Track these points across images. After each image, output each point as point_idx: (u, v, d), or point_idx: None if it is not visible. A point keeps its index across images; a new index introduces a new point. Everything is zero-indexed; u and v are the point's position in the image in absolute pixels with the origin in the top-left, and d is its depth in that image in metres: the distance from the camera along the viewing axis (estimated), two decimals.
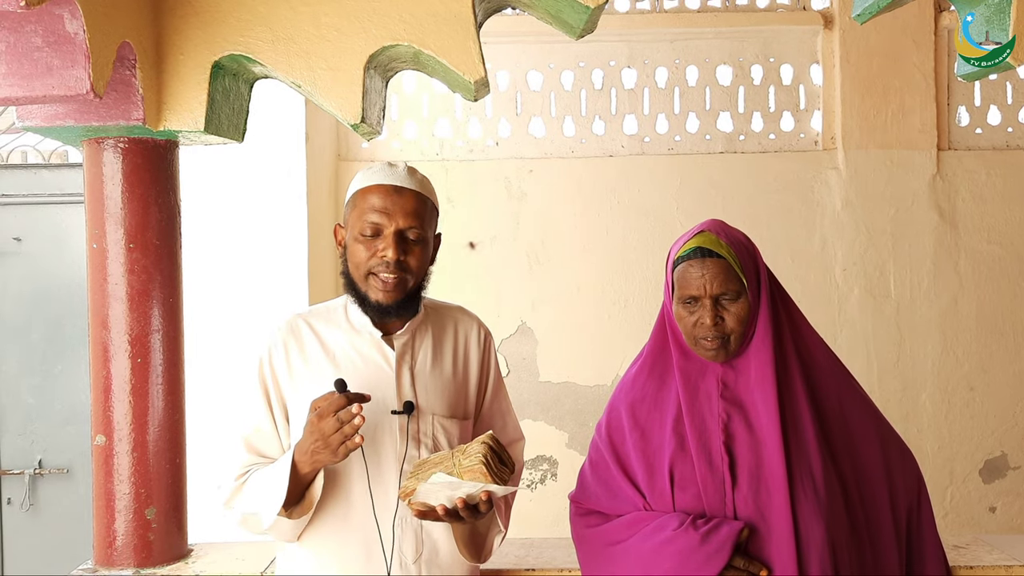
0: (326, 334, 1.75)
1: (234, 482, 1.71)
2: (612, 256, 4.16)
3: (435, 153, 4.25)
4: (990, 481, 4.15)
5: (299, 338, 1.75)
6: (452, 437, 1.74)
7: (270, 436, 1.73)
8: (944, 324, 4.13)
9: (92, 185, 2.06)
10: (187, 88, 2.00)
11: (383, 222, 1.66)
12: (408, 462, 1.67)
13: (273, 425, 1.73)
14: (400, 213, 1.66)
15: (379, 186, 1.69)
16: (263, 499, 1.64)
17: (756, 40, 4.19)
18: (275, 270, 3.62)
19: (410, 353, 1.75)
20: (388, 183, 1.69)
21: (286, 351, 1.74)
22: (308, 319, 1.78)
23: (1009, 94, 4.19)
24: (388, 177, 1.70)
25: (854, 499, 1.60)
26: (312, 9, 2.00)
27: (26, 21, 1.65)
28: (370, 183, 1.70)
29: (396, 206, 1.67)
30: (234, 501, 1.71)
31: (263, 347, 1.76)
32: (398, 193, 1.68)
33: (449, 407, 1.75)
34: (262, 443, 1.73)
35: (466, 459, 1.50)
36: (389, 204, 1.67)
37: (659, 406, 1.69)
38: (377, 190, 1.68)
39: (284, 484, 1.59)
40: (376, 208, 1.67)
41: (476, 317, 1.88)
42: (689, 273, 1.61)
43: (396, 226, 1.66)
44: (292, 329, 1.76)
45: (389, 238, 1.65)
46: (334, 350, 1.73)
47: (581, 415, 4.15)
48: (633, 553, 1.62)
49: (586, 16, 2.00)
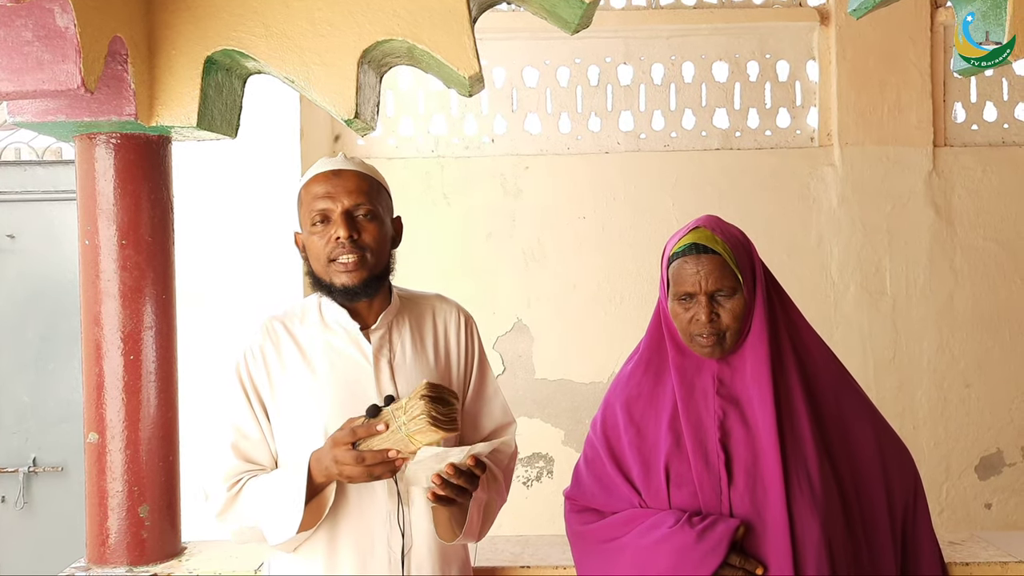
0: (301, 334, 1.74)
1: (226, 492, 1.68)
2: (608, 253, 4.15)
3: (431, 150, 4.24)
4: (986, 478, 4.15)
5: (275, 341, 1.74)
6: None
7: (258, 442, 1.71)
8: (940, 321, 4.13)
9: (84, 181, 2.05)
10: (180, 83, 1.99)
11: (329, 206, 1.67)
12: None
13: (259, 430, 1.71)
14: (343, 193, 1.68)
15: (319, 175, 1.71)
16: (269, 515, 1.62)
17: (752, 36, 4.18)
18: (269, 267, 3.60)
19: (388, 346, 1.73)
20: (326, 169, 1.71)
21: (263, 355, 1.73)
22: (283, 320, 1.77)
23: (1005, 90, 4.18)
24: (325, 165, 1.73)
25: (850, 496, 1.60)
26: (306, 4, 1.99)
27: (16, 15, 1.64)
28: (309, 176, 1.73)
29: (338, 188, 1.68)
30: (229, 514, 1.68)
31: (239, 353, 1.75)
32: (338, 176, 1.70)
33: None
34: (250, 449, 1.71)
35: (412, 422, 1.48)
36: (330, 187, 1.68)
37: (655, 403, 1.69)
38: (317, 179, 1.71)
39: (300, 503, 1.57)
40: (319, 195, 1.68)
41: (455, 303, 1.86)
42: (684, 269, 1.60)
43: (342, 207, 1.67)
44: (268, 332, 1.75)
45: (338, 219, 1.66)
46: (309, 351, 1.72)
47: (577, 412, 4.14)
48: (629, 550, 1.62)
49: (581, 11, 1.99)
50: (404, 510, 1.67)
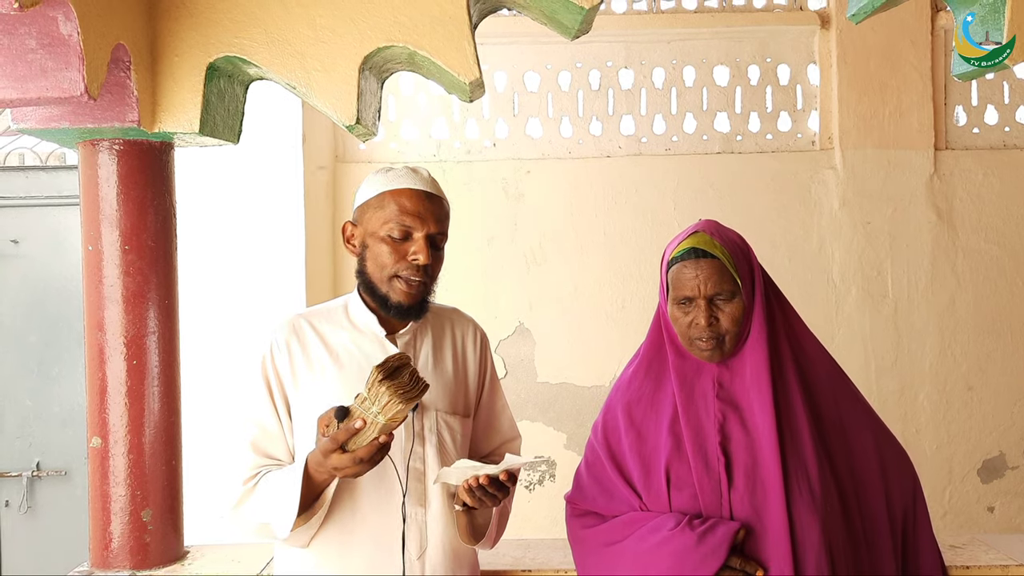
0: (329, 333, 1.75)
1: (242, 486, 1.69)
2: (609, 256, 4.16)
3: (432, 154, 4.25)
4: (988, 481, 4.15)
5: (301, 337, 1.74)
6: (456, 433, 1.75)
7: (277, 437, 1.72)
8: (942, 324, 4.13)
9: (87, 187, 2.06)
10: (182, 90, 2.00)
11: (415, 226, 1.68)
12: (415, 458, 1.69)
13: (279, 425, 1.72)
14: (432, 218, 1.70)
15: (412, 190, 1.71)
16: (275, 510, 1.63)
17: (753, 40, 4.19)
18: (272, 272, 3.61)
19: (413, 352, 1.76)
20: (420, 188, 1.71)
21: (289, 351, 1.73)
22: (310, 319, 1.78)
23: (1006, 94, 4.19)
24: (419, 183, 1.72)
25: (850, 499, 1.60)
26: (307, 11, 2.00)
27: (20, 23, 1.65)
28: (401, 186, 1.71)
29: (428, 211, 1.70)
30: (244, 507, 1.69)
31: (265, 346, 1.75)
32: (430, 199, 1.71)
33: (451, 404, 1.77)
34: (269, 444, 1.72)
35: (385, 408, 1.49)
36: (423, 209, 1.69)
37: (655, 406, 1.69)
38: (410, 194, 1.70)
39: (296, 498, 1.58)
40: (409, 211, 1.68)
41: (471, 319, 1.89)
42: (683, 274, 1.61)
43: (428, 230, 1.69)
44: (294, 328, 1.75)
45: (421, 242, 1.68)
46: (337, 349, 1.73)
47: (579, 416, 4.15)
48: (629, 553, 1.62)
49: (581, 17, 2.00)
50: (420, 511, 1.69)
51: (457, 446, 1.76)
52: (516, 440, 1.92)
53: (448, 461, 1.71)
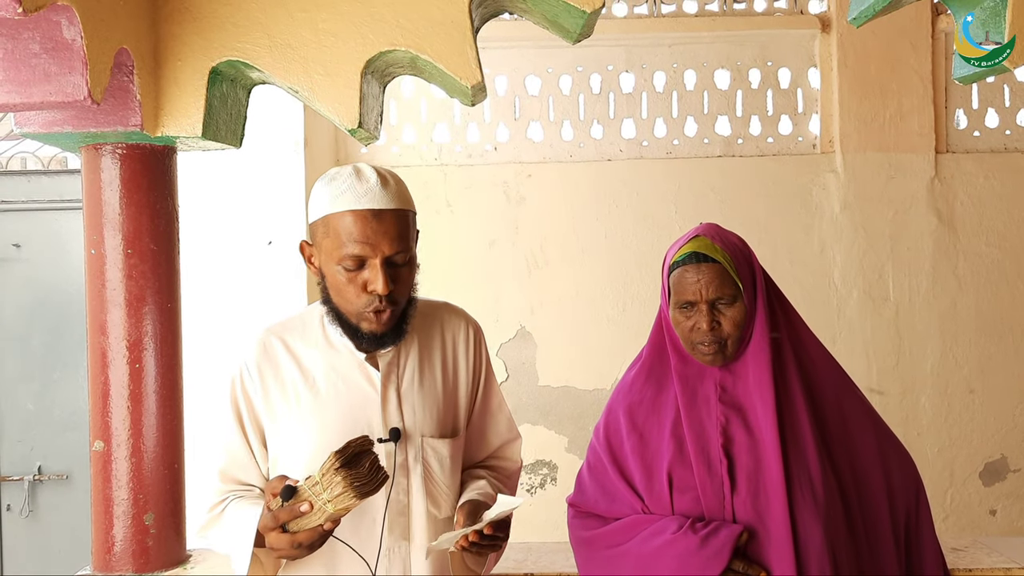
0: (303, 353, 1.65)
1: (208, 513, 1.66)
2: (611, 260, 4.16)
3: (434, 158, 4.25)
4: (990, 484, 4.15)
5: (272, 359, 1.66)
6: (443, 458, 1.67)
7: (247, 464, 1.67)
8: (943, 327, 4.13)
9: (90, 191, 2.06)
10: (185, 94, 2.00)
11: (367, 253, 1.51)
12: (398, 490, 1.62)
13: (249, 452, 1.67)
14: (385, 240, 1.50)
15: (357, 213, 1.51)
16: (232, 548, 1.60)
17: (754, 44, 4.20)
18: (274, 276, 3.61)
19: (396, 372, 1.65)
20: (364, 208, 1.50)
21: (260, 374, 1.65)
22: (282, 336, 1.67)
23: (1007, 97, 4.19)
24: (363, 200, 1.51)
25: (852, 502, 1.60)
26: (309, 15, 2.00)
27: (23, 27, 1.65)
28: (343, 208, 1.52)
29: (378, 233, 1.50)
30: (209, 534, 1.68)
31: (235, 370, 1.68)
32: (378, 219, 1.50)
33: (439, 426, 1.67)
34: (238, 471, 1.68)
35: (336, 499, 1.42)
36: (370, 232, 1.50)
37: (657, 410, 1.69)
38: (354, 218, 1.50)
39: (247, 550, 1.53)
40: (357, 239, 1.50)
41: (464, 313, 1.81)
42: (685, 278, 1.61)
43: (382, 255, 1.51)
44: (265, 348, 1.66)
45: (377, 269, 1.50)
46: (313, 372, 1.63)
47: (581, 419, 4.15)
48: (632, 556, 1.62)
49: (582, 21, 2.00)
50: (404, 545, 1.65)
51: (446, 471, 1.68)
52: (516, 441, 1.87)
53: (435, 490, 1.65)
